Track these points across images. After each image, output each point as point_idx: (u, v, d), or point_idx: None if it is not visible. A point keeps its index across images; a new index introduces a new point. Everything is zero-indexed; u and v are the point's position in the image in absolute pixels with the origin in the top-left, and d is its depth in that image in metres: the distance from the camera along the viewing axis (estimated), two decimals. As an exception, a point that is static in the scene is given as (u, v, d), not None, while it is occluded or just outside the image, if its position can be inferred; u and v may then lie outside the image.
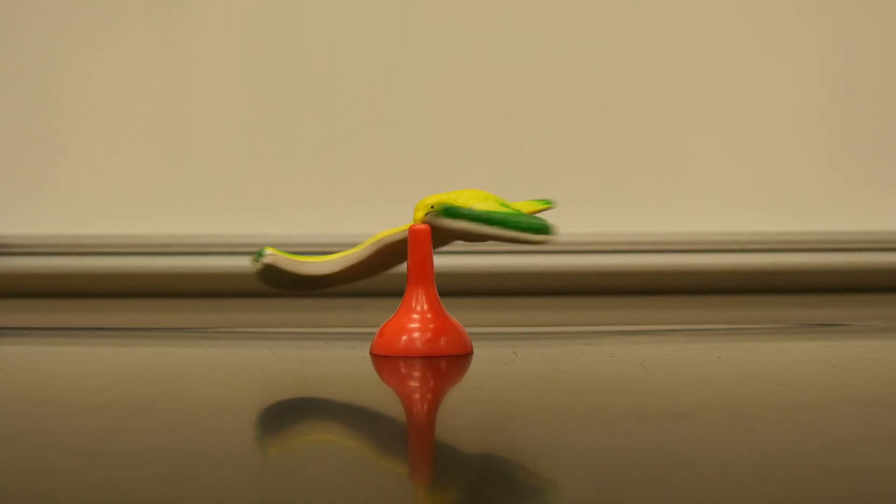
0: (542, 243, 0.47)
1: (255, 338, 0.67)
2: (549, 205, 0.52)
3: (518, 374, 0.47)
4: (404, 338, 0.48)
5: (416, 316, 0.48)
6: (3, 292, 0.89)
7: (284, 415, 0.39)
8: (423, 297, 0.48)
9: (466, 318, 0.50)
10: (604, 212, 0.92)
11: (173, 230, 0.90)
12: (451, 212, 0.47)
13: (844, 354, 0.56)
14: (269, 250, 0.50)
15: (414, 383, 0.45)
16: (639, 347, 0.58)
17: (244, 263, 0.89)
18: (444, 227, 0.48)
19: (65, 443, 0.34)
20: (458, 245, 0.57)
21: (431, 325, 0.48)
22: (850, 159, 0.93)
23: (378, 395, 0.44)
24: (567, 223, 0.90)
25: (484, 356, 0.50)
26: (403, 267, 0.50)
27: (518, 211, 0.48)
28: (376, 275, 0.52)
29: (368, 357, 0.49)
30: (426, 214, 0.48)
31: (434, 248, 0.49)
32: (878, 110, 0.93)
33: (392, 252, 0.51)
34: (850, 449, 0.33)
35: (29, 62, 0.91)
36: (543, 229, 0.47)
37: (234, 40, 0.92)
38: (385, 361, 0.48)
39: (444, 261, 0.56)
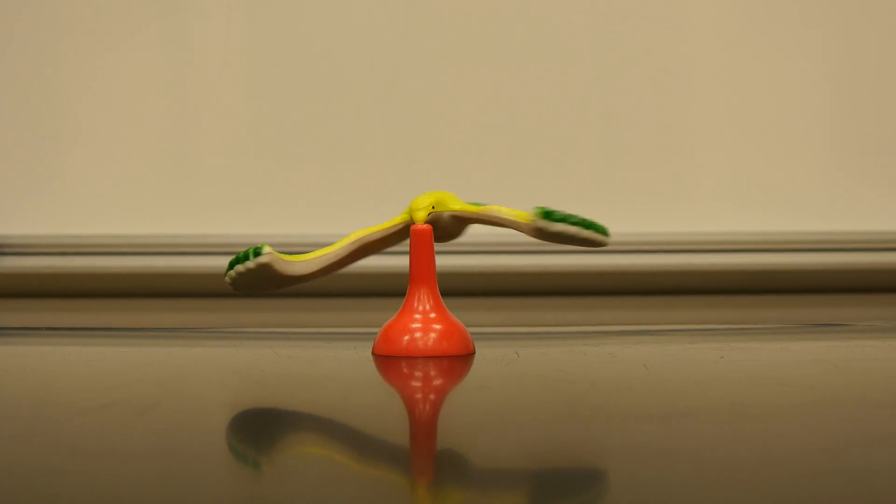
0: (606, 245, 0.49)
1: (257, 338, 0.67)
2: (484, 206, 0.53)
3: (520, 374, 0.47)
4: (406, 338, 0.48)
5: (418, 316, 0.48)
6: (4, 292, 0.89)
7: (286, 415, 0.39)
8: (425, 298, 0.48)
9: (468, 318, 0.50)
10: (605, 212, 0.91)
11: (173, 230, 0.90)
12: (551, 215, 0.48)
13: (847, 354, 0.56)
14: (267, 248, 0.49)
15: (416, 383, 0.45)
16: (641, 347, 0.58)
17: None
18: (540, 228, 0.48)
19: (68, 443, 0.34)
20: (460, 245, 0.57)
21: (433, 326, 0.48)
22: (854, 159, 0.93)
23: (380, 395, 0.44)
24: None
25: (486, 356, 0.50)
26: (404, 266, 0.50)
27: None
28: (345, 267, 0.53)
29: (370, 357, 0.49)
30: (533, 215, 0.48)
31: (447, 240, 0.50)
32: (881, 110, 0.93)
33: (368, 250, 0.51)
34: (854, 449, 0.33)
35: (30, 63, 0.91)
36: (607, 232, 0.49)
37: (235, 42, 0.92)
38: (387, 362, 0.48)
39: (445, 261, 0.56)
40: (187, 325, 0.83)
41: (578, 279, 0.89)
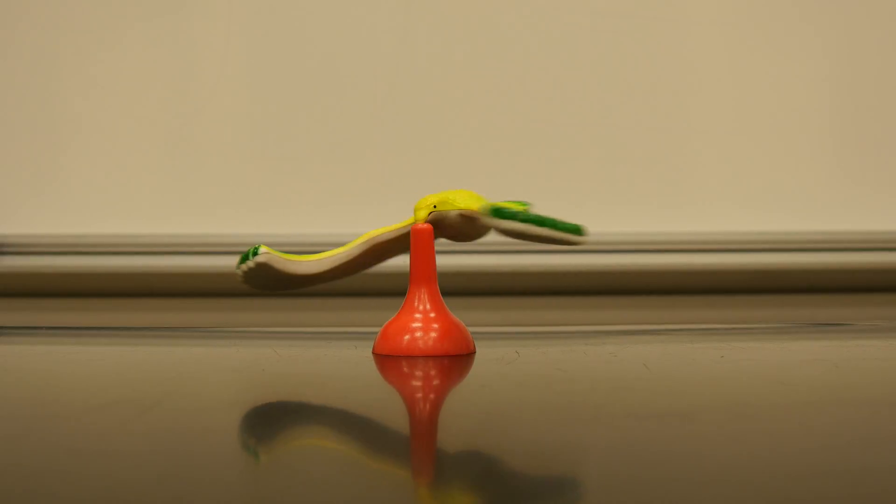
0: (578, 244, 0.48)
1: (257, 337, 0.67)
2: (526, 206, 0.52)
3: (520, 373, 0.47)
4: (407, 337, 0.48)
5: (418, 315, 0.48)
6: (5, 292, 0.89)
7: (287, 414, 0.39)
8: (426, 297, 0.48)
9: (469, 317, 0.50)
10: (606, 211, 0.92)
11: (173, 230, 0.90)
12: (501, 213, 0.48)
13: (847, 354, 0.56)
14: (264, 248, 0.49)
15: (416, 383, 0.45)
16: (641, 347, 0.58)
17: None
18: (492, 226, 0.48)
19: (68, 442, 0.34)
20: (461, 245, 0.57)
21: (434, 325, 0.48)
22: (854, 159, 0.93)
23: (380, 394, 0.44)
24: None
25: (486, 356, 0.50)
26: (405, 266, 0.50)
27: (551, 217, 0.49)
28: (362, 271, 0.52)
29: (371, 357, 0.49)
30: (481, 209, 0.48)
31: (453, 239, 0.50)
32: (882, 110, 0.93)
33: (381, 251, 0.51)
34: (853, 449, 0.33)
35: (31, 62, 0.91)
36: (580, 231, 0.48)
37: (235, 42, 0.92)
38: (387, 361, 0.48)
39: (446, 260, 0.56)
40: (187, 325, 0.83)
41: (578, 279, 0.89)
